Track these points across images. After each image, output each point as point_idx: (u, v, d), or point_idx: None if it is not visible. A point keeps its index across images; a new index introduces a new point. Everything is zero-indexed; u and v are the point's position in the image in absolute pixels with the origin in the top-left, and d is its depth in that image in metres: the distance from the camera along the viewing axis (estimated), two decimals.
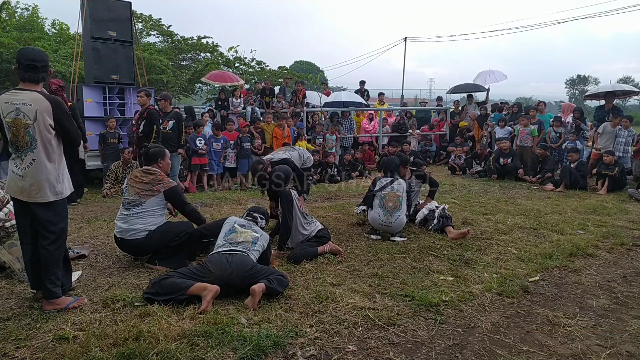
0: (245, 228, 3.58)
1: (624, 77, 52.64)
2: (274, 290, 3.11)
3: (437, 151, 12.26)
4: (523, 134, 9.57)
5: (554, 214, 5.96)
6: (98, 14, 8.79)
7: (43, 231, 2.87)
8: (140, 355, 2.35)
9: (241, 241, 3.43)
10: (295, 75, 20.04)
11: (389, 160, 5.16)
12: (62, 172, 2.94)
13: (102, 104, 8.86)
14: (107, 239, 4.57)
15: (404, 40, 29.85)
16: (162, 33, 20.60)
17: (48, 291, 2.89)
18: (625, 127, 8.40)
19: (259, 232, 3.64)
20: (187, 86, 19.44)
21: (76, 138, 2.98)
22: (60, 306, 2.90)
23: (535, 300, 3.26)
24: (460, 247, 4.46)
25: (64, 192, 2.95)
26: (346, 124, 11.23)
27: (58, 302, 2.91)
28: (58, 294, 2.92)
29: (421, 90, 46.01)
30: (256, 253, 3.45)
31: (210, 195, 7.44)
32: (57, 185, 2.89)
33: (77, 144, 3.07)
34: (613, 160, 7.72)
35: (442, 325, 2.83)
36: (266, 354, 2.43)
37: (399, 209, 4.65)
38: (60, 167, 2.93)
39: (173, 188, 3.82)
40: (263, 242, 3.60)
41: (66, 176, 2.99)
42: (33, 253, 2.94)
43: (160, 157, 3.94)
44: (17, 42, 13.71)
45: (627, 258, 4.24)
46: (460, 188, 8.12)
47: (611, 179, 7.55)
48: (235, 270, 3.14)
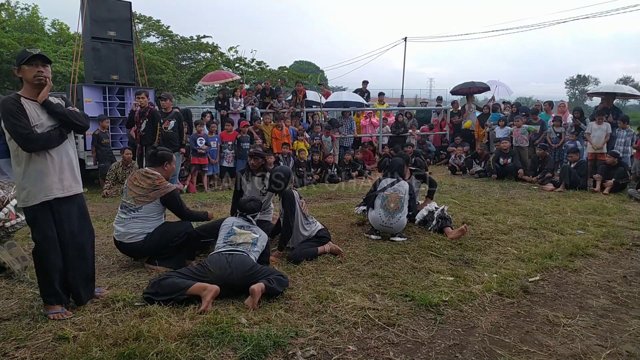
0: (244, 229, 3.58)
1: (624, 77, 52.70)
2: (274, 290, 3.11)
3: (437, 151, 12.26)
4: (517, 135, 9.60)
5: (554, 214, 5.96)
6: (98, 14, 8.80)
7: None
8: (140, 355, 2.35)
9: (241, 242, 3.43)
10: (295, 75, 20.02)
11: (392, 161, 5.16)
12: (27, 180, 2.71)
13: (102, 104, 8.87)
14: (107, 239, 4.57)
15: (404, 40, 29.88)
16: (162, 33, 20.61)
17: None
18: (622, 127, 8.43)
19: (258, 233, 3.64)
20: (187, 86, 19.43)
21: (15, 139, 2.66)
22: (47, 310, 2.87)
23: (535, 300, 3.26)
24: (460, 247, 4.46)
25: (29, 201, 2.73)
26: (346, 123, 11.23)
27: (45, 305, 2.89)
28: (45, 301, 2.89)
29: (421, 90, 45.98)
30: (256, 254, 3.45)
31: (210, 195, 7.44)
32: (21, 193, 2.75)
33: (20, 145, 2.69)
34: (615, 161, 7.74)
35: (442, 325, 2.83)
36: (266, 354, 2.43)
37: (400, 210, 4.65)
38: (26, 174, 2.71)
39: (169, 194, 3.74)
40: (262, 242, 3.60)
41: (31, 184, 2.71)
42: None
43: (167, 160, 3.86)
44: (18, 43, 13.72)
45: (627, 258, 4.24)
46: (460, 188, 8.11)
47: (616, 178, 7.59)
48: (235, 271, 3.14)
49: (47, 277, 2.85)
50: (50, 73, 2.80)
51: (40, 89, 2.74)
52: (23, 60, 2.67)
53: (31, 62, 2.69)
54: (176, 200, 3.81)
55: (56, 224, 2.82)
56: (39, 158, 2.72)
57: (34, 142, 2.65)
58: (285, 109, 10.65)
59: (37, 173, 2.72)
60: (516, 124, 9.68)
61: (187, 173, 8.35)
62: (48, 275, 2.84)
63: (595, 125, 8.60)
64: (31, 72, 2.70)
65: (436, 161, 11.96)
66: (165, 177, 3.83)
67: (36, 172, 2.72)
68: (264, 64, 20.73)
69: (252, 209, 3.79)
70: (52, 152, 2.75)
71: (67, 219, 2.86)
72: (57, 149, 2.79)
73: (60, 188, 2.79)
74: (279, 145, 9.17)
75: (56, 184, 2.77)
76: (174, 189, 3.83)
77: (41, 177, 2.72)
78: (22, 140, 2.63)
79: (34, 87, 2.74)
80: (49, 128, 2.74)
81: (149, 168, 3.87)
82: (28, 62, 2.68)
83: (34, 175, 2.71)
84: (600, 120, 8.57)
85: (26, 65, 2.69)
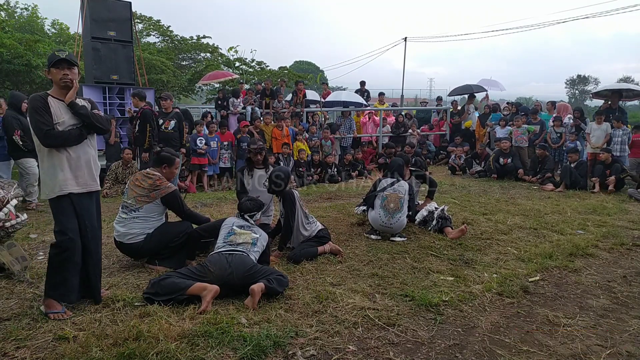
0: (244, 229, 3.58)
1: (624, 77, 52.63)
2: (274, 290, 3.11)
3: (437, 151, 12.26)
4: (517, 135, 9.61)
5: (554, 214, 5.96)
6: (98, 14, 8.81)
7: None
8: (140, 355, 2.35)
9: (241, 242, 3.43)
10: (295, 76, 20.02)
11: (392, 161, 5.16)
12: (45, 174, 2.88)
13: (102, 104, 8.87)
14: (106, 239, 4.56)
15: (404, 40, 29.86)
16: (162, 33, 20.62)
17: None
18: (617, 127, 8.45)
19: (258, 233, 3.63)
20: (187, 86, 19.45)
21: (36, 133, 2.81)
22: (47, 308, 2.87)
23: (535, 300, 3.26)
24: (460, 247, 4.46)
25: (48, 194, 2.89)
26: (346, 123, 11.23)
27: (46, 302, 2.90)
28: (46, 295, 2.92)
29: (421, 90, 45.99)
30: (256, 254, 3.45)
31: (210, 195, 7.44)
32: (42, 186, 2.92)
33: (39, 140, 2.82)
34: (609, 157, 7.77)
35: (442, 325, 2.83)
36: (266, 354, 2.43)
37: (400, 210, 4.65)
38: (44, 168, 2.88)
39: (170, 194, 3.75)
40: (262, 242, 3.60)
41: (48, 177, 2.87)
42: None
43: (166, 163, 3.86)
44: (18, 44, 13.71)
45: (627, 258, 4.24)
46: (460, 188, 8.12)
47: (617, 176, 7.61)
48: (235, 270, 3.14)
49: (62, 271, 2.88)
50: (77, 75, 2.95)
51: (67, 90, 2.90)
52: (51, 63, 2.84)
53: (58, 65, 2.84)
54: (177, 200, 3.82)
55: (78, 218, 2.93)
56: (57, 154, 2.85)
57: (52, 139, 2.80)
58: (285, 109, 10.65)
59: (53, 168, 2.86)
60: (516, 124, 9.69)
61: (187, 173, 8.35)
62: (65, 269, 2.88)
63: (595, 125, 8.63)
64: (58, 75, 2.86)
65: (436, 161, 11.96)
66: (165, 178, 3.83)
67: (52, 167, 2.86)
68: (264, 64, 20.75)
69: (248, 209, 3.78)
70: (70, 149, 2.88)
71: (88, 214, 2.98)
72: (76, 147, 2.91)
73: (74, 184, 2.90)
74: (279, 145, 9.17)
75: (70, 180, 2.88)
76: (175, 190, 3.83)
77: (56, 171, 2.85)
78: (42, 135, 2.78)
79: (61, 88, 2.89)
80: (70, 127, 2.87)
81: (150, 169, 3.88)
82: (55, 65, 2.84)
83: (51, 170, 2.86)
84: (600, 120, 8.59)
85: (54, 68, 2.85)
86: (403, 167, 5.09)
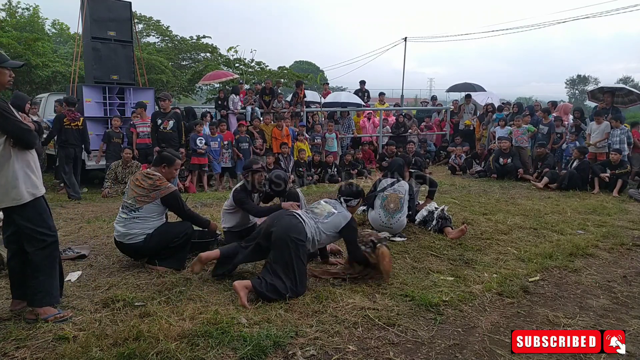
0: (329, 204, 3.60)
1: (624, 77, 52.72)
2: (263, 295, 3.03)
3: (437, 151, 12.26)
4: (517, 135, 9.60)
5: (554, 214, 5.96)
6: (98, 14, 8.81)
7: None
8: (140, 355, 2.35)
9: (317, 212, 3.51)
10: (295, 76, 20.03)
11: (392, 161, 5.16)
12: (16, 177, 2.66)
13: (102, 104, 8.87)
14: (107, 239, 4.57)
15: (404, 40, 29.80)
16: (162, 33, 20.63)
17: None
18: (615, 126, 8.45)
19: (338, 209, 3.53)
20: (187, 86, 19.45)
21: (20, 137, 2.65)
22: (44, 314, 2.78)
23: (535, 300, 3.26)
24: (460, 247, 4.46)
25: (19, 199, 2.68)
26: (344, 123, 11.24)
27: (40, 311, 2.80)
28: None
29: (421, 90, 45.92)
30: (317, 226, 3.37)
31: (210, 195, 7.44)
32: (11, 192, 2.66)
33: (24, 142, 2.68)
34: (619, 158, 7.76)
35: (442, 325, 2.83)
36: (266, 354, 2.43)
37: (400, 210, 4.65)
38: (13, 171, 2.66)
39: (170, 194, 3.74)
40: (335, 222, 3.42)
41: (21, 181, 2.68)
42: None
43: (165, 163, 3.84)
44: (17, 43, 13.71)
45: (627, 258, 4.24)
46: (460, 188, 8.12)
47: (623, 177, 7.60)
48: (278, 228, 3.23)
49: (53, 273, 2.85)
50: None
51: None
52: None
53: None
54: (177, 200, 3.81)
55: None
56: (30, 156, 2.76)
57: (35, 138, 2.73)
58: (285, 109, 10.65)
59: (27, 170, 2.75)
60: (516, 124, 9.68)
61: (187, 173, 8.35)
62: (54, 269, 2.86)
63: (595, 126, 8.61)
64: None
65: (436, 161, 11.96)
66: (165, 178, 3.82)
67: (27, 169, 2.75)
68: (264, 64, 20.76)
69: (344, 192, 3.83)
70: (32, 151, 2.82)
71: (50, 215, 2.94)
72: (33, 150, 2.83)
73: (40, 185, 2.84)
74: (277, 145, 9.18)
75: (39, 181, 2.83)
76: (175, 190, 3.82)
77: (29, 174, 2.76)
78: (29, 135, 2.68)
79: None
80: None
81: (150, 168, 3.89)
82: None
83: (23, 173, 2.72)
84: (600, 120, 8.58)
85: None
86: (403, 167, 5.09)
